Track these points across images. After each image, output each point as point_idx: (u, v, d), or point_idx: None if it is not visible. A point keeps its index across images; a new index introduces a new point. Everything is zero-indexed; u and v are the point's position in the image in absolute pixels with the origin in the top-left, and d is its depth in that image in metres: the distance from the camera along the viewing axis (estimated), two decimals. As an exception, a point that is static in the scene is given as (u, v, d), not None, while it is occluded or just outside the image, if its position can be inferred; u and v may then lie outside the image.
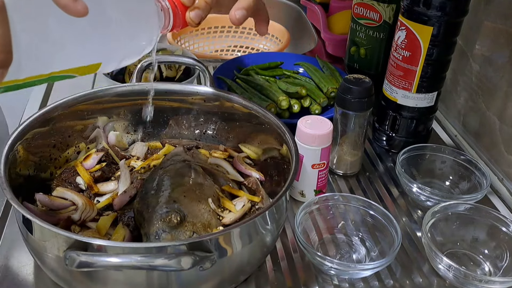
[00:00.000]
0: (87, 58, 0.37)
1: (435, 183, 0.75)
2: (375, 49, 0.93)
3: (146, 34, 0.41)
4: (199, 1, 0.45)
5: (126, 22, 0.37)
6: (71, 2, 0.31)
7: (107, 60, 0.39)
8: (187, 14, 0.45)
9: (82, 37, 0.35)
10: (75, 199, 0.58)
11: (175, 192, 0.55)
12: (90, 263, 0.43)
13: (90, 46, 0.36)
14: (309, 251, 0.56)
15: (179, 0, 0.44)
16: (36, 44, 0.32)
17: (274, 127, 0.62)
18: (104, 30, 0.36)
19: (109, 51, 0.38)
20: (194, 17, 0.45)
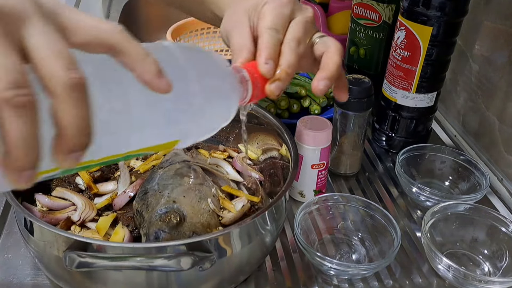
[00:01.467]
0: (166, 136, 0.35)
1: (434, 183, 0.75)
2: (375, 49, 0.93)
3: (225, 109, 0.39)
4: (280, 72, 0.42)
5: (207, 99, 0.35)
6: (155, 78, 0.29)
7: (185, 138, 0.36)
8: (268, 86, 0.42)
9: (163, 115, 0.33)
10: (74, 199, 0.58)
11: (175, 192, 0.55)
12: (90, 264, 0.43)
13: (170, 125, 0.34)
14: (309, 251, 0.56)
15: (259, 72, 0.42)
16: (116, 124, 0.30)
17: (273, 127, 0.62)
18: (185, 108, 0.34)
19: (188, 128, 0.35)
20: (275, 89, 0.42)
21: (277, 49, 0.44)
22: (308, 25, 0.46)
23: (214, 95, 0.36)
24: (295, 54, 0.44)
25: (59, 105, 0.26)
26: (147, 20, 1.33)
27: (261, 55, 0.43)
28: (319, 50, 0.47)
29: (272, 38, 0.44)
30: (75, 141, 0.26)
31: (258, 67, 0.42)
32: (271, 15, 0.45)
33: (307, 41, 0.47)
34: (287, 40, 0.45)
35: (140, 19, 1.33)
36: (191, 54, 0.35)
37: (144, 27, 1.32)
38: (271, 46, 0.43)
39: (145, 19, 1.33)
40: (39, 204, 0.57)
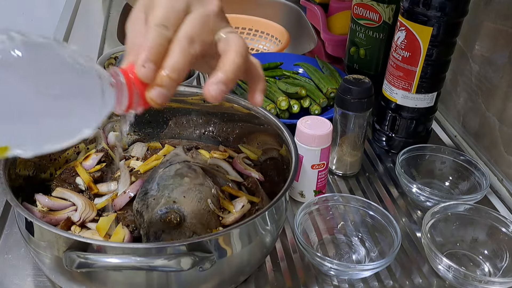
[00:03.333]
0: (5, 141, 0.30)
1: (434, 183, 0.75)
2: (375, 49, 0.93)
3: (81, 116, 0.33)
4: (161, 76, 0.37)
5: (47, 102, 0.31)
6: None
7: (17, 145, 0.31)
8: (147, 93, 0.37)
9: None
10: (74, 199, 0.58)
11: (175, 193, 0.55)
12: (90, 264, 0.43)
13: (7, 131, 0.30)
14: (309, 251, 0.56)
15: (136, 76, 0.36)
16: None
17: (273, 127, 0.62)
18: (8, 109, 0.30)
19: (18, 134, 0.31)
20: (156, 96, 0.37)
21: (163, 50, 0.38)
22: (208, 19, 0.40)
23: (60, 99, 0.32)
24: (185, 56, 0.38)
25: None
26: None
27: (140, 56, 0.37)
28: (221, 48, 0.41)
29: (157, 36, 0.38)
30: None
31: (135, 70, 0.37)
32: (161, 8, 0.39)
33: (207, 38, 0.40)
34: (178, 38, 0.38)
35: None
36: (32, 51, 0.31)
37: (144, 27, 1.31)
38: (154, 45, 0.37)
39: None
40: (39, 204, 0.57)
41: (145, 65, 0.36)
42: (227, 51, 0.40)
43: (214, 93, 0.38)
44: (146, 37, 0.38)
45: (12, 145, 0.31)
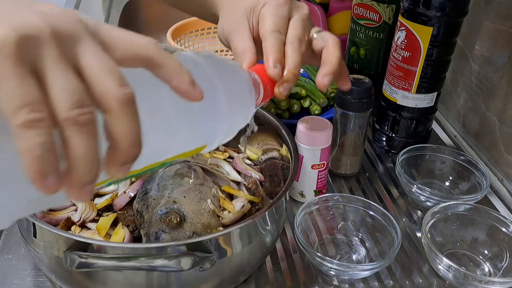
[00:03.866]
0: (197, 142, 0.36)
1: (435, 183, 0.75)
2: (375, 49, 0.93)
3: (245, 112, 0.41)
4: (287, 73, 0.44)
5: (231, 104, 0.37)
6: (190, 88, 0.30)
7: (211, 142, 0.38)
8: (277, 88, 0.44)
9: (195, 122, 0.34)
10: (74, 199, 0.58)
11: (175, 193, 0.55)
12: (90, 264, 0.43)
13: (201, 130, 0.36)
14: (309, 251, 0.56)
15: (267, 75, 0.43)
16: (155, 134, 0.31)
17: (273, 127, 0.62)
18: (213, 113, 0.36)
19: (214, 133, 0.37)
20: (283, 90, 0.44)
21: (282, 51, 0.45)
22: (305, 22, 0.48)
23: (237, 99, 0.38)
24: (299, 54, 0.45)
25: (114, 119, 0.27)
26: (147, 20, 1.33)
27: (269, 59, 0.44)
28: (318, 45, 0.48)
29: (277, 41, 0.45)
30: (128, 153, 0.27)
31: (267, 71, 0.43)
32: (272, 16, 0.46)
33: (307, 38, 0.48)
34: (290, 40, 0.46)
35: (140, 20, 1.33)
36: (211, 62, 0.37)
37: (144, 27, 1.32)
38: (277, 49, 0.44)
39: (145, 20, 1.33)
40: (39, 205, 0.57)
41: (276, 66, 0.43)
42: (327, 47, 0.47)
43: (327, 83, 0.46)
44: (267, 42, 0.45)
45: (208, 143, 0.37)
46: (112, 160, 0.28)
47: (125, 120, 0.27)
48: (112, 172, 0.28)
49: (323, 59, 0.47)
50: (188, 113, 0.34)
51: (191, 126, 0.34)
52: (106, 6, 1.33)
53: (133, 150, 0.27)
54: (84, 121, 0.25)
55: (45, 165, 0.25)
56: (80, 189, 0.27)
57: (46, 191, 0.25)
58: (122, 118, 0.27)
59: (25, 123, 0.24)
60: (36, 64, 0.25)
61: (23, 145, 0.24)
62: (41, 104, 0.25)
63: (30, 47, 0.25)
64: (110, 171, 0.28)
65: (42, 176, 0.25)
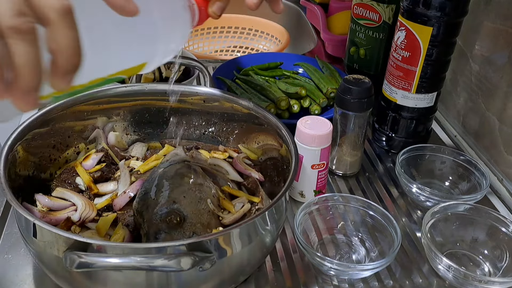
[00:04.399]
0: (136, 59, 0.38)
1: (434, 183, 0.75)
2: (375, 49, 0.93)
3: (182, 31, 0.42)
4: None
5: (165, 20, 0.38)
6: (125, 3, 0.32)
7: (151, 59, 0.39)
8: (210, 8, 0.45)
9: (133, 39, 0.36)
10: (74, 199, 0.58)
11: (175, 193, 0.55)
12: (90, 264, 0.43)
13: (139, 47, 0.37)
14: (309, 251, 0.56)
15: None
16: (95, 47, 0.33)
17: (273, 127, 0.62)
18: (149, 30, 0.37)
19: (152, 50, 0.39)
20: (216, 10, 0.45)
21: None
22: None
23: (172, 18, 0.40)
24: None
25: (54, 30, 0.29)
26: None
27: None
28: None
29: None
30: (69, 62, 0.29)
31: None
32: None
33: None
34: None
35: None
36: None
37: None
38: None
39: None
40: (39, 205, 0.57)
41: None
42: None
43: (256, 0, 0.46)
44: None
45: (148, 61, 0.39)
46: (55, 71, 0.29)
47: (64, 30, 0.28)
48: (56, 83, 0.30)
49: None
50: (126, 30, 0.35)
51: (130, 43, 0.36)
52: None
53: (73, 59, 0.29)
54: (26, 29, 0.28)
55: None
56: (25, 96, 0.29)
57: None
58: (62, 28, 0.28)
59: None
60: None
61: None
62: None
63: None
64: (54, 82, 0.30)
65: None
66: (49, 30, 0.29)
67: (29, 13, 0.28)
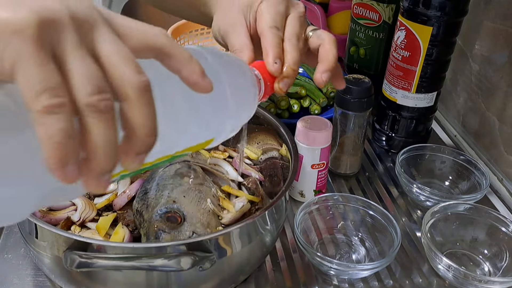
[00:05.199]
0: (205, 135, 0.37)
1: (434, 183, 0.75)
2: (375, 49, 0.93)
3: (249, 107, 0.41)
4: (287, 69, 0.45)
5: (237, 99, 0.37)
6: (200, 78, 0.30)
7: (218, 135, 0.38)
8: (277, 84, 0.44)
9: (204, 115, 0.35)
10: (74, 199, 0.58)
11: (175, 192, 0.55)
12: (90, 263, 0.43)
13: (210, 124, 0.36)
14: (309, 251, 0.56)
15: (267, 71, 0.44)
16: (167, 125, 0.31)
17: (273, 127, 0.62)
18: (220, 106, 0.36)
19: (222, 127, 0.37)
20: (283, 86, 0.45)
21: (281, 47, 0.45)
22: (302, 19, 0.48)
23: (241, 93, 0.39)
24: (298, 50, 0.46)
25: (131, 107, 0.26)
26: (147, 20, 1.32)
27: (269, 55, 0.44)
28: (314, 43, 0.48)
29: (275, 37, 0.45)
30: (144, 142, 0.27)
31: (267, 67, 0.44)
32: (270, 13, 0.47)
33: (304, 35, 0.49)
34: (288, 37, 0.46)
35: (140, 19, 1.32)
36: (216, 55, 0.37)
37: (144, 27, 1.32)
38: (276, 45, 0.45)
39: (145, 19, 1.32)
40: (39, 204, 0.57)
41: (276, 61, 0.44)
42: (324, 45, 0.47)
43: (326, 79, 0.46)
44: (266, 38, 0.45)
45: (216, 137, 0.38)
46: (128, 150, 0.27)
47: (142, 107, 0.26)
48: (127, 163, 0.27)
49: (320, 56, 0.47)
50: (198, 106, 0.34)
51: (201, 120, 0.35)
52: (106, 6, 1.33)
53: (149, 139, 0.27)
54: (104, 108, 0.25)
55: (65, 152, 0.24)
56: (98, 179, 0.26)
57: (66, 179, 0.25)
58: (140, 106, 0.26)
59: (46, 108, 0.23)
60: (55, 49, 0.25)
61: (43, 131, 0.24)
62: (62, 89, 0.24)
63: (50, 30, 0.24)
64: (126, 162, 0.27)
65: (62, 164, 0.24)
66: (125, 107, 0.26)
67: (108, 90, 0.25)
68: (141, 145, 0.27)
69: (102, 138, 0.25)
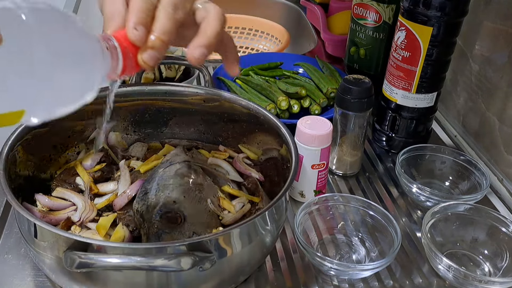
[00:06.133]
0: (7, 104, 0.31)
1: (434, 183, 0.75)
2: (375, 49, 0.93)
3: (85, 79, 0.35)
4: (154, 39, 0.39)
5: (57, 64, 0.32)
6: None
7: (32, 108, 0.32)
8: (139, 55, 0.39)
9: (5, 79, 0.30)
10: (74, 199, 0.58)
11: (175, 193, 0.55)
12: (90, 264, 0.43)
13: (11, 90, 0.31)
14: (309, 251, 0.56)
15: (129, 41, 0.38)
16: None
17: (273, 127, 0.62)
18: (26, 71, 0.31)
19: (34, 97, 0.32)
20: (148, 59, 0.39)
21: (150, 14, 0.40)
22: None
23: (68, 61, 0.33)
24: (171, 20, 0.40)
25: None
26: None
27: (129, 20, 0.39)
28: (199, 16, 0.43)
29: (144, 2, 0.40)
30: None
31: (127, 34, 0.38)
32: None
33: (187, 6, 0.43)
34: (162, 4, 0.41)
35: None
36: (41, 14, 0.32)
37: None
38: (142, 10, 0.39)
39: None
40: (39, 204, 0.57)
41: (137, 28, 0.38)
42: (207, 18, 0.42)
43: (198, 56, 0.41)
44: (132, 3, 0.40)
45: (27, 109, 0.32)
46: None
47: None
48: None
49: (199, 30, 0.42)
50: None
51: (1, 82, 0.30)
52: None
53: None
54: None
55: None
56: None
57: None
58: None
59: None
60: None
61: None
62: None
63: None
64: None
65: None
66: None
67: None
68: None
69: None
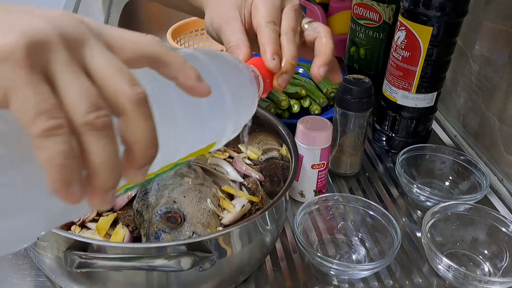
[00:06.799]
0: (207, 139, 0.36)
1: (434, 183, 0.75)
2: (375, 49, 0.93)
3: (249, 106, 0.40)
4: (285, 65, 0.44)
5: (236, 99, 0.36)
6: (196, 83, 0.29)
7: (220, 138, 0.37)
8: (276, 80, 0.44)
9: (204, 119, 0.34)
10: (74, 199, 0.57)
11: (175, 193, 0.55)
12: (90, 264, 0.43)
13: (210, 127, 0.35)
14: (309, 251, 0.56)
15: (265, 67, 0.43)
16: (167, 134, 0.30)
17: (273, 127, 0.62)
18: (220, 109, 0.35)
19: (223, 129, 0.37)
20: (282, 82, 0.44)
21: (279, 42, 0.45)
22: (298, 12, 0.47)
23: (240, 94, 0.38)
24: (295, 45, 0.45)
25: (129, 121, 0.26)
26: (147, 20, 1.33)
27: (266, 51, 0.44)
28: (310, 36, 0.48)
29: (273, 32, 0.45)
30: (146, 154, 0.26)
31: (266, 64, 0.43)
32: (266, 7, 0.46)
33: (299, 29, 0.48)
34: (285, 31, 0.45)
35: (140, 20, 1.33)
36: (211, 57, 0.36)
37: (144, 27, 1.32)
38: (274, 40, 0.44)
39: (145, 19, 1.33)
40: (39, 204, 0.57)
41: (274, 57, 0.43)
42: (320, 38, 0.47)
43: (323, 74, 0.46)
44: (263, 34, 0.45)
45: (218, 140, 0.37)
46: (130, 164, 0.26)
47: (140, 120, 0.26)
48: (131, 176, 0.27)
49: (316, 50, 0.47)
50: (197, 111, 0.33)
51: (201, 124, 0.34)
52: (106, 6, 1.32)
53: (150, 151, 0.26)
54: (102, 124, 0.24)
55: (68, 173, 0.24)
56: (103, 196, 0.26)
57: (71, 200, 0.24)
58: (137, 119, 0.26)
59: (44, 131, 0.23)
60: (46, 70, 0.24)
61: (44, 154, 0.23)
62: (58, 110, 0.24)
63: (40, 52, 0.24)
64: (129, 175, 0.27)
65: (66, 185, 0.24)
66: (123, 121, 0.26)
67: (104, 106, 0.25)
68: (143, 158, 0.26)
69: (103, 155, 0.25)
